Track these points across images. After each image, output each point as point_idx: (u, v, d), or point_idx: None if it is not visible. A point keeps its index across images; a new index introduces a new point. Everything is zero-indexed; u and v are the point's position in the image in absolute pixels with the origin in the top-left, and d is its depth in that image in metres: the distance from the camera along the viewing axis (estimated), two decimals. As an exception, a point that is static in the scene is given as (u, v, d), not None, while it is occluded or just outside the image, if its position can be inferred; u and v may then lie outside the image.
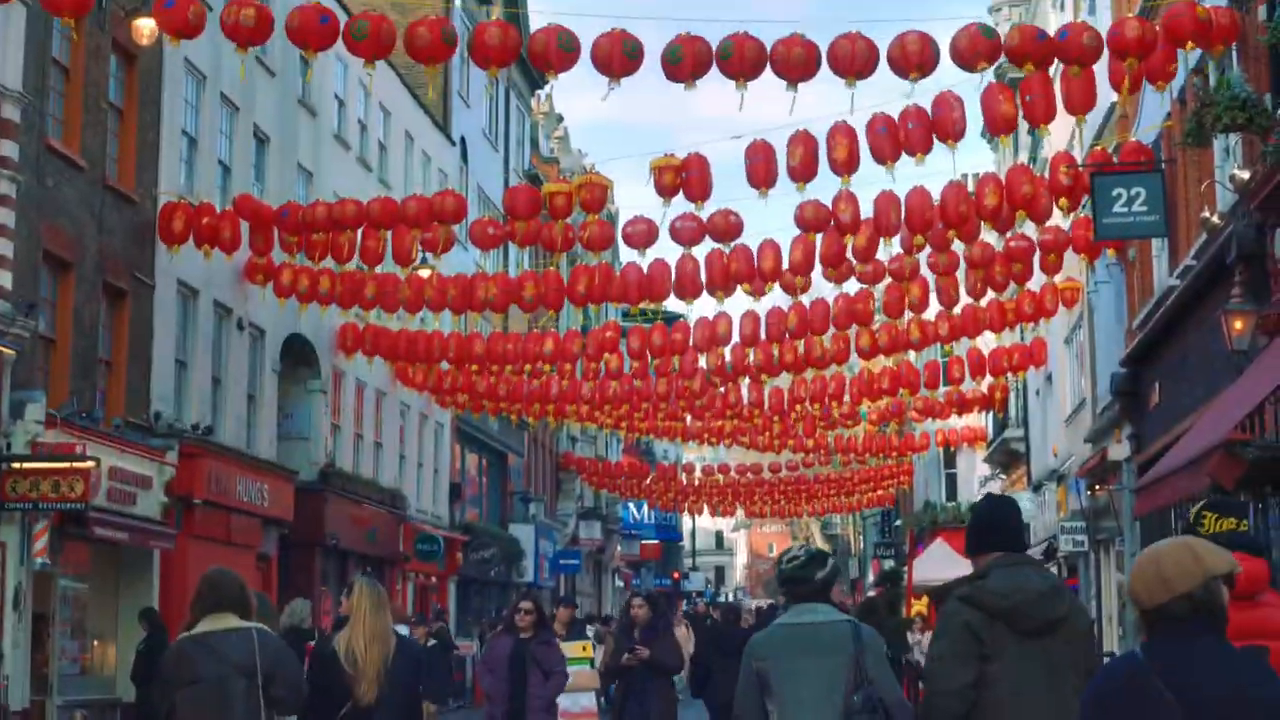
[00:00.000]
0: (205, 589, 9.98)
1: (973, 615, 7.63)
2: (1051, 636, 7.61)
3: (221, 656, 9.62)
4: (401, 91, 44.21)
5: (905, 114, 22.29)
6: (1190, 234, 23.67)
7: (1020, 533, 8.29)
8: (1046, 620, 7.62)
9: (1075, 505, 36.58)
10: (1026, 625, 7.60)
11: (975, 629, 7.59)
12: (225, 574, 10.20)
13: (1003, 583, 7.68)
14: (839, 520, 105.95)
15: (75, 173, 25.97)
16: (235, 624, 9.76)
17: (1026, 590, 7.65)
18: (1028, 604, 7.61)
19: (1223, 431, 16.22)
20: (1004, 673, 7.53)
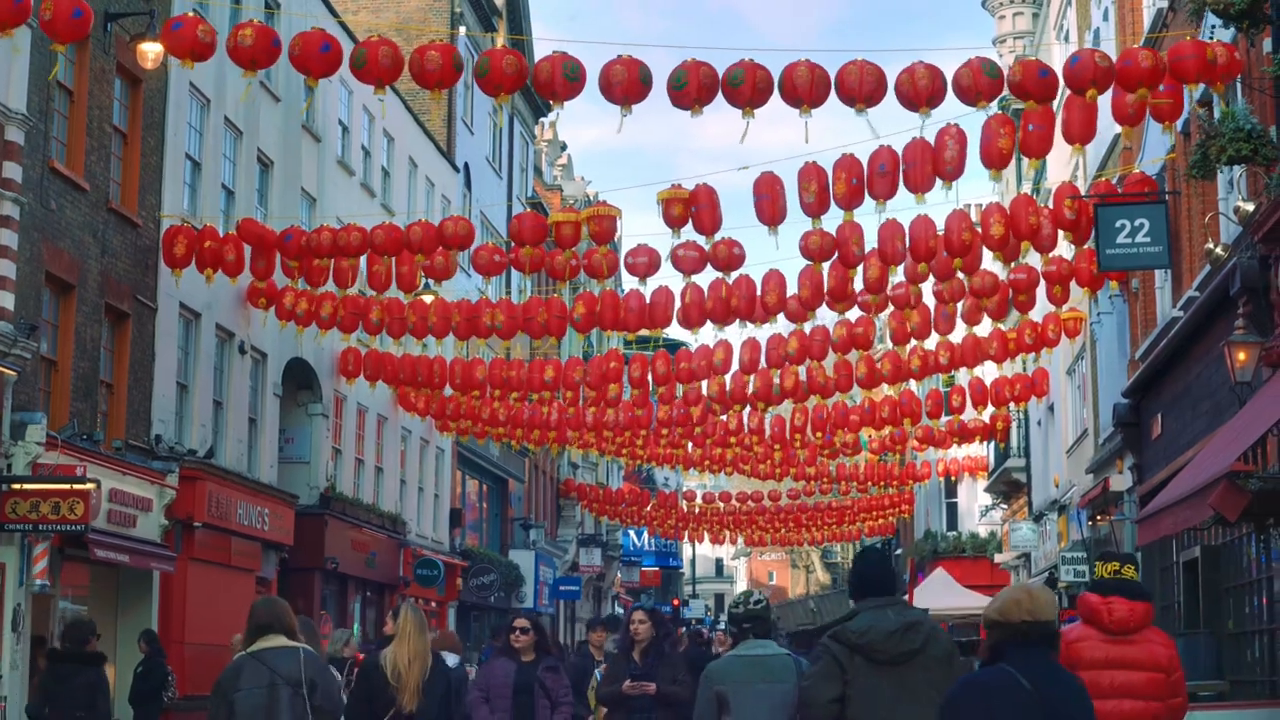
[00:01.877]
0: (258, 614, 11.66)
1: (837, 648, 9.49)
2: (906, 665, 9.39)
3: (273, 669, 11.30)
4: (405, 117, 44.27)
5: (908, 149, 22.32)
6: (1194, 265, 23.66)
7: (889, 579, 9.96)
8: (897, 652, 9.40)
9: (1077, 535, 36.55)
10: (879, 656, 9.40)
11: (838, 658, 9.46)
12: (275, 602, 11.99)
13: (861, 623, 9.54)
14: (839, 549, 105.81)
15: (78, 195, 25.98)
16: (284, 643, 11.43)
17: (879, 629, 9.44)
18: (879, 640, 9.41)
19: (1225, 463, 16.17)
20: (860, 693, 9.38)
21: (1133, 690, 10.64)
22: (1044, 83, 20.51)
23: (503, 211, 53.41)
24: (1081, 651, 10.70)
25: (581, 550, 70.86)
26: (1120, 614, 10.73)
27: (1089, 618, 10.89)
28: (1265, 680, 20.60)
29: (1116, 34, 30.31)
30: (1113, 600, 10.79)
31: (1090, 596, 10.97)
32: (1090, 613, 10.87)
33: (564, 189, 72.38)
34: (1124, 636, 10.73)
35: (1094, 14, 34.11)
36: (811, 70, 20.48)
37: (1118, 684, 10.63)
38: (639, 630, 15.26)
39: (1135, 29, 28.67)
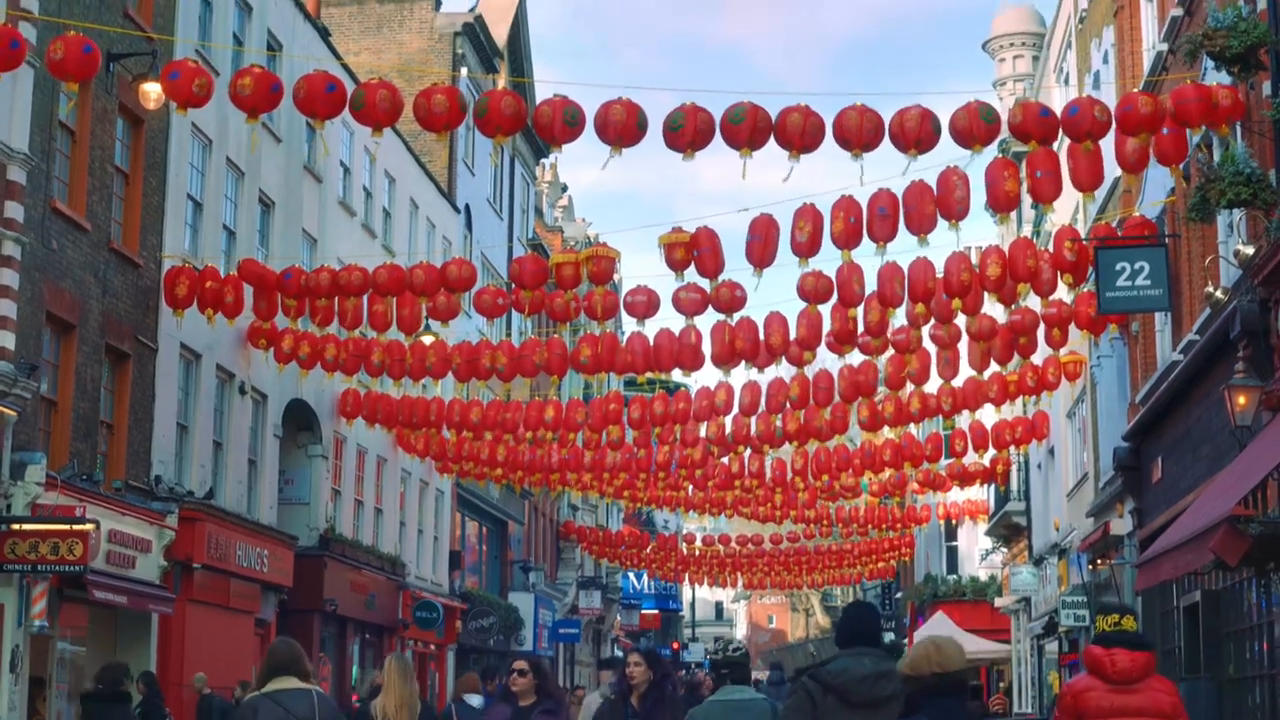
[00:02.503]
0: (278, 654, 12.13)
1: (812, 686, 10.04)
2: (877, 710, 9.88)
3: (287, 709, 11.70)
4: (406, 158, 44.35)
5: (909, 191, 22.36)
6: (1194, 309, 23.66)
7: (873, 631, 10.59)
8: (869, 696, 9.86)
9: (1077, 579, 36.47)
10: (851, 699, 9.88)
11: (812, 695, 10.00)
12: (292, 644, 12.36)
13: (838, 665, 10.09)
14: (839, 592, 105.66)
15: (80, 235, 26.01)
16: (297, 685, 11.82)
17: (853, 674, 9.94)
18: (851, 684, 9.90)
19: (1226, 507, 16.15)
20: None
21: None
22: (1045, 124, 20.56)
23: (503, 252, 53.48)
24: (1088, 701, 11.13)
25: (581, 593, 70.75)
26: (1123, 664, 11.12)
27: (1093, 669, 11.28)
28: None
29: (1116, 77, 30.36)
30: (1115, 651, 11.18)
31: (1094, 649, 11.33)
32: (1094, 664, 11.25)
33: (565, 230, 72.48)
34: (1128, 686, 11.11)
35: (1094, 57, 34.17)
36: (805, 116, 20.54)
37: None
38: (634, 673, 14.06)
39: (1135, 72, 28.72)
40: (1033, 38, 55.35)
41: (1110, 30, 31.57)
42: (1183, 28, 23.64)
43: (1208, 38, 18.59)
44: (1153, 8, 27.92)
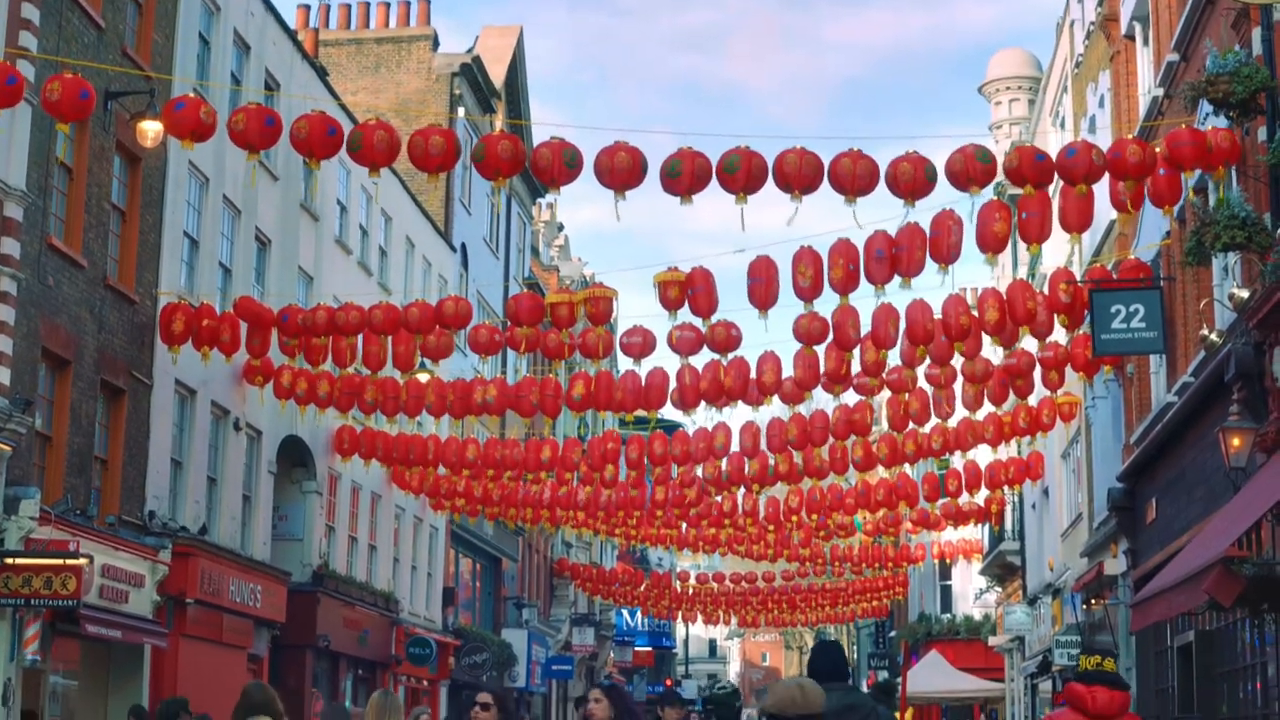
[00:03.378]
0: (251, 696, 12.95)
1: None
2: None
3: None
4: (403, 197, 44.43)
5: (902, 234, 22.44)
6: (1189, 351, 23.72)
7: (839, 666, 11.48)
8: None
9: (1071, 619, 36.48)
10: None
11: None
12: (265, 687, 13.22)
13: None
14: (833, 630, 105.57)
15: (76, 271, 26.05)
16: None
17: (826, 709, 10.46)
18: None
19: (1220, 548, 16.19)
20: None
21: None
22: (1040, 168, 20.64)
23: (499, 291, 53.52)
24: None
25: (575, 629, 70.67)
26: (1102, 701, 11.42)
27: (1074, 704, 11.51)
28: (1259, 767, 20.53)
29: (1112, 121, 30.47)
30: (1096, 689, 11.47)
31: (1076, 686, 11.64)
32: (1076, 699, 11.51)
33: (560, 269, 72.59)
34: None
35: (1090, 101, 34.30)
36: (801, 157, 20.61)
37: None
38: (594, 712, 13.47)
39: (1131, 116, 28.83)
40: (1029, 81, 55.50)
41: (1106, 75, 31.70)
42: (1179, 73, 23.76)
43: (1210, 84, 18.69)
44: (1149, 53, 28.04)
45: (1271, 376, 18.31)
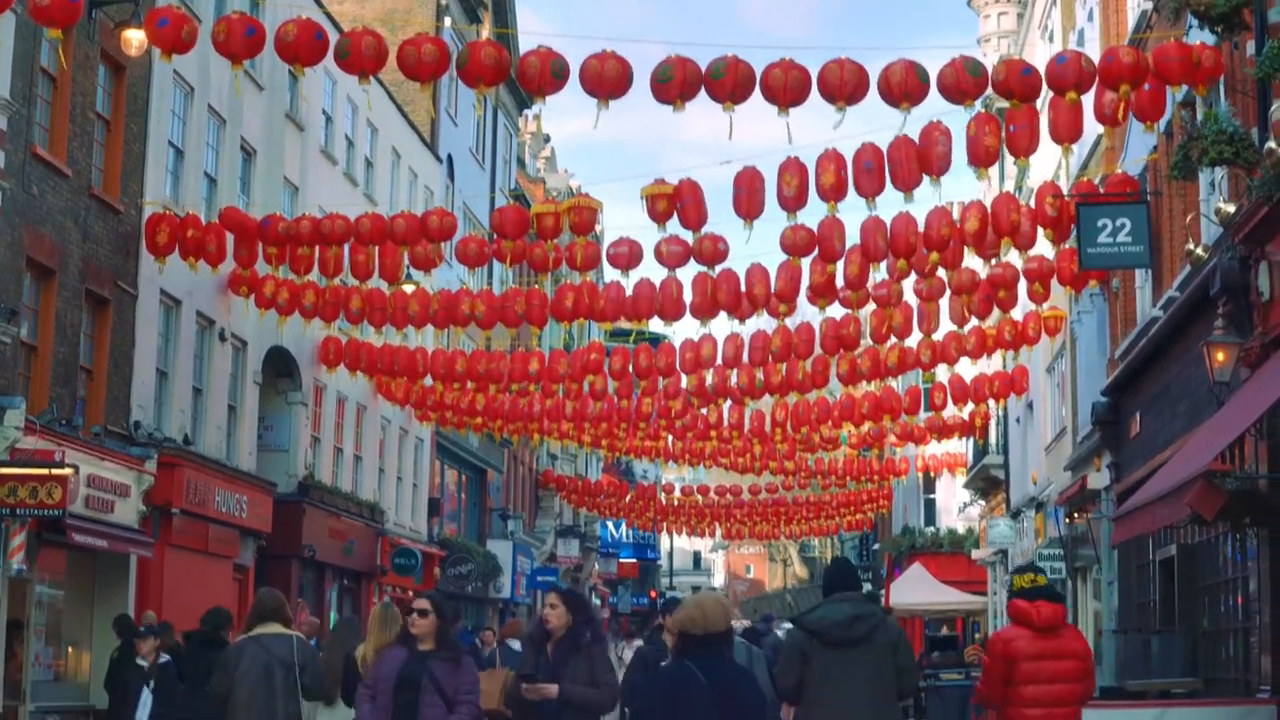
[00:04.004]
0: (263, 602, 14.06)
1: (799, 636, 11.97)
2: (854, 648, 11.70)
3: (270, 651, 13.53)
4: (389, 108, 44.24)
5: (893, 146, 22.38)
6: (1174, 266, 23.73)
7: (852, 579, 12.47)
8: (845, 638, 11.70)
9: (1053, 533, 36.62)
10: (830, 641, 11.73)
11: (800, 646, 11.86)
12: (276, 594, 14.32)
13: (818, 614, 11.96)
14: (817, 543, 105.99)
15: (61, 181, 25.96)
16: (280, 630, 13.74)
17: (831, 619, 11.80)
18: (830, 628, 11.77)
19: (1203, 462, 16.25)
20: (818, 668, 11.71)
21: (1062, 676, 12.71)
22: (1027, 82, 20.57)
23: (485, 203, 53.39)
24: (1017, 648, 12.75)
25: (559, 541, 70.91)
26: (1046, 614, 12.79)
27: (1020, 619, 12.91)
28: (1239, 678, 20.67)
29: (1101, 34, 30.37)
30: (1039, 603, 12.84)
31: (1019, 602, 12.97)
32: (1021, 615, 12.89)
33: (547, 181, 72.38)
34: (1050, 632, 12.78)
35: (1079, 14, 34.17)
36: (787, 71, 20.52)
37: (1050, 671, 12.68)
38: (549, 618, 12.86)
39: (1119, 29, 28.73)
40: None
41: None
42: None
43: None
44: (1137, -36, 27.91)
45: (1256, 291, 18.33)
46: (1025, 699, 12.65)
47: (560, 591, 13.08)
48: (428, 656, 12.36)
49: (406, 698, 12.19)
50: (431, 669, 12.24)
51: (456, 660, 12.50)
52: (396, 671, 12.33)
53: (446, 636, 12.66)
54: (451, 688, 12.24)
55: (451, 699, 12.19)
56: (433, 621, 12.49)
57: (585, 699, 12.33)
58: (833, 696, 11.76)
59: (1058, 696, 12.69)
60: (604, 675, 12.49)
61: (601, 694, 12.42)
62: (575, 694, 12.29)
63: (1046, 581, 13.17)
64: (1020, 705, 12.69)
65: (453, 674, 12.33)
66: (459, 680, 12.34)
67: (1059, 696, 12.70)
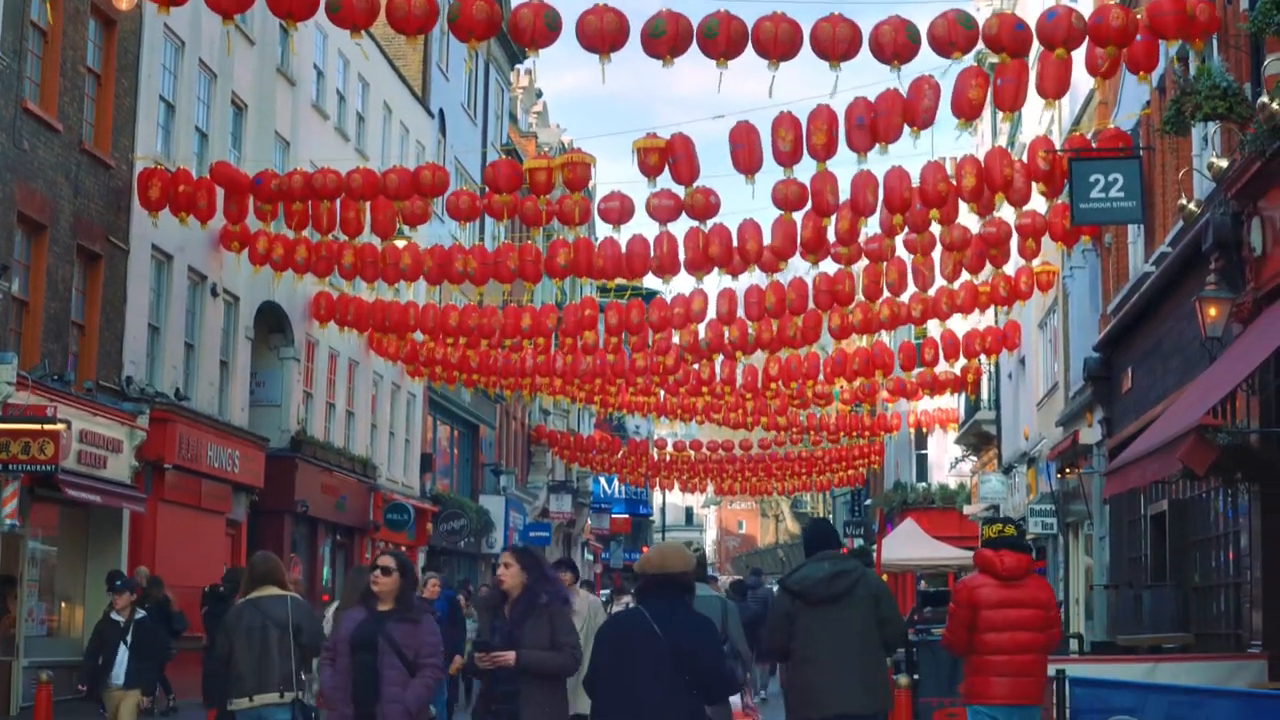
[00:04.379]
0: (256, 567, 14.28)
1: (784, 599, 12.50)
2: (836, 604, 12.10)
3: (266, 613, 13.74)
4: (381, 63, 44.10)
5: (881, 99, 22.37)
6: (1167, 221, 23.70)
7: (831, 538, 12.85)
8: (826, 594, 12.12)
9: (1045, 488, 36.65)
10: (813, 599, 12.16)
11: (786, 608, 12.34)
12: (270, 557, 14.55)
13: (799, 574, 12.43)
14: (809, 499, 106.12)
15: (52, 136, 25.91)
16: (276, 592, 13.95)
17: (812, 578, 12.23)
18: (810, 586, 12.20)
19: (1195, 417, 16.25)
20: (804, 627, 12.15)
21: (1024, 624, 13.20)
22: (1019, 37, 20.58)
23: (477, 158, 53.28)
24: (981, 595, 13.34)
25: (552, 497, 70.97)
26: (1010, 563, 13.37)
27: (985, 568, 13.51)
28: (1230, 633, 20.72)
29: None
30: (1003, 553, 13.43)
31: (985, 551, 13.61)
32: (986, 564, 13.49)
33: (539, 136, 72.22)
34: (1014, 581, 13.36)
35: (1071, -33, 34.06)
36: (777, 24, 20.52)
37: (1012, 619, 13.20)
38: (503, 578, 12.04)
39: (1112, -17, 28.63)
40: (1010, -54, 55.10)
41: (1088, -60, 31.47)
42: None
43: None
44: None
45: (1249, 246, 18.31)
46: (988, 646, 13.20)
47: (514, 550, 12.36)
48: (386, 617, 12.06)
49: (364, 659, 11.92)
50: (389, 630, 11.93)
51: (416, 621, 12.14)
52: (351, 633, 12.06)
53: (407, 597, 12.26)
54: (412, 649, 11.94)
55: (413, 662, 11.93)
56: (395, 581, 12.16)
57: (545, 664, 11.56)
58: (821, 652, 12.11)
59: (1020, 644, 13.16)
60: (564, 637, 11.73)
61: (563, 657, 11.66)
62: (534, 660, 11.52)
63: (1015, 533, 13.76)
64: (983, 652, 13.24)
65: (412, 635, 11.99)
66: (419, 642, 12.03)
67: (1021, 644, 13.16)
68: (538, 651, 11.48)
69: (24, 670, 25.20)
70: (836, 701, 12.06)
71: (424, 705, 12.07)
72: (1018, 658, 13.20)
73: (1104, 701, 14.17)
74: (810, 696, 12.21)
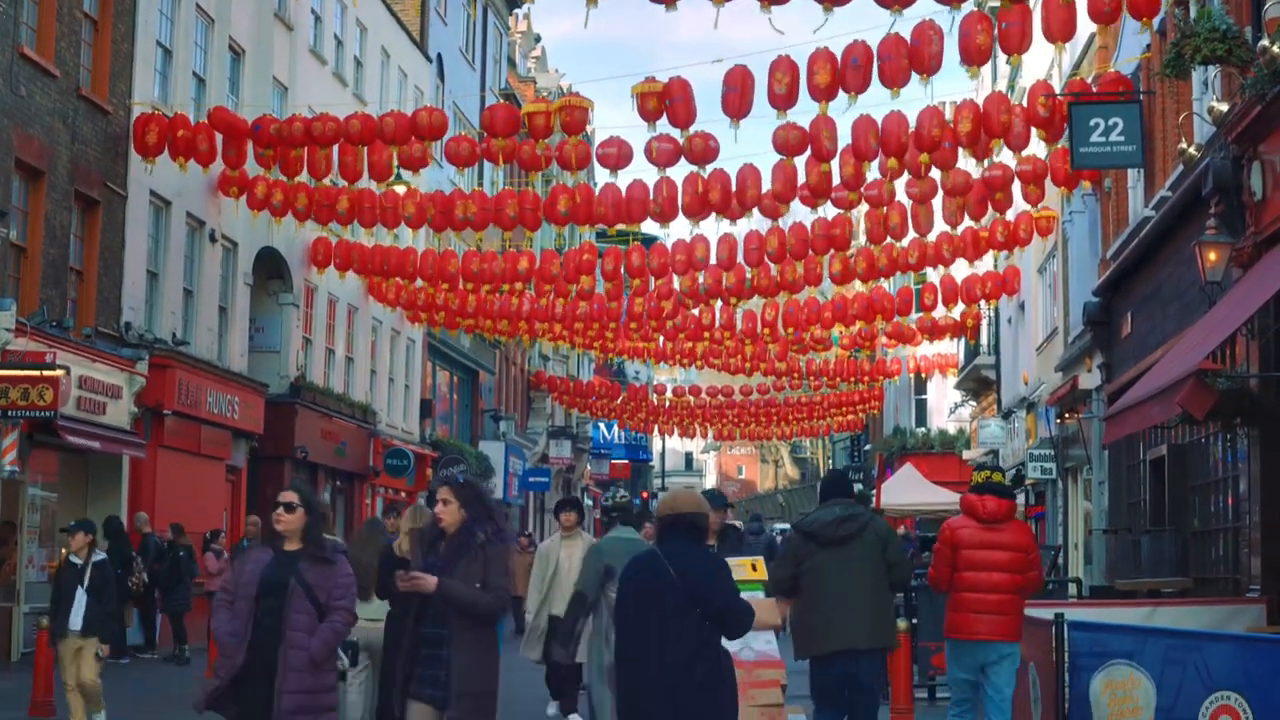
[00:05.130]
0: None
1: (795, 537, 13.89)
2: (844, 546, 13.31)
3: None
4: (378, 7, 43.96)
5: (884, 44, 22.29)
6: (1167, 165, 23.66)
7: (845, 486, 14.24)
8: (835, 536, 13.35)
9: (1044, 433, 36.70)
10: (822, 540, 13.40)
11: (795, 546, 13.70)
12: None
13: (812, 517, 13.80)
14: (808, 444, 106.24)
15: (49, 81, 25.83)
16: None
17: (822, 521, 13.52)
18: (821, 528, 13.47)
19: (1194, 362, 16.22)
20: (812, 566, 13.35)
21: (1001, 565, 13.97)
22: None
23: (475, 103, 53.13)
24: (962, 536, 14.13)
25: (551, 442, 71.01)
26: (991, 507, 14.12)
27: (968, 511, 14.25)
28: (1229, 578, 20.76)
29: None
30: (986, 498, 14.17)
31: (969, 495, 14.37)
32: (969, 507, 14.24)
33: (537, 81, 72.01)
34: (994, 525, 14.10)
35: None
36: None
37: (989, 560, 13.98)
38: (441, 514, 11.16)
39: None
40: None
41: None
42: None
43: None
44: None
45: (1249, 190, 18.28)
46: (966, 583, 14.00)
47: (453, 485, 11.32)
48: (296, 558, 10.88)
49: (270, 604, 10.71)
50: (301, 571, 10.78)
51: (330, 561, 10.96)
52: (260, 574, 10.81)
53: (316, 535, 11.08)
54: (324, 592, 10.80)
55: (324, 605, 10.79)
56: (301, 517, 10.98)
57: (470, 600, 10.65)
58: (830, 590, 13.25)
59: (994, 584, 13.92)
60: (496, 578, 10.83)
61: (490, 597, 10.74)
62: (456, 591, 10.61)
63: (1001, 479, 14.64)
64: (961, 589, 14.04)
65: (325, 577, 10.85)
66: (332, 584, 10.88)
67: (995, 584, 13.92)
68: (461, 584, 10.64)
69: (24, 616, 25.28)
70: (843, 637, 13.16)
71: (330, 652, 10.91)
72: (992, 596, 13.93)
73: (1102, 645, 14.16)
74: (819, 632, 13.31)
